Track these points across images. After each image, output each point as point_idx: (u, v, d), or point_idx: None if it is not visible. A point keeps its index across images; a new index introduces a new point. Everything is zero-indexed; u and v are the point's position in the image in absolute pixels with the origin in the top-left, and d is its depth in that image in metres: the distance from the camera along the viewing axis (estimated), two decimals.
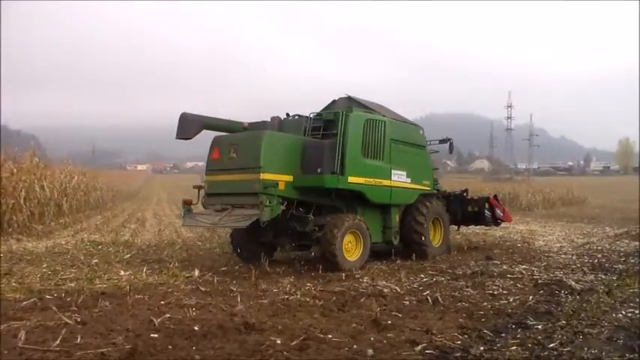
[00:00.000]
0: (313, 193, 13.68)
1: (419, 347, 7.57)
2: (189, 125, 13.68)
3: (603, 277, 13.34)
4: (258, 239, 14.51)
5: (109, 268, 13.67)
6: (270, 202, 12.53)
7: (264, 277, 12.58)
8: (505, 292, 11.37)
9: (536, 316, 9.36)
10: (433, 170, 17.12)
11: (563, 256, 17.21)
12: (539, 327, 8.73)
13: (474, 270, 13.87)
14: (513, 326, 8.77)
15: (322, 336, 7.95)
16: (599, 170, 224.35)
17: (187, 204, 14.27)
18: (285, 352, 7.21)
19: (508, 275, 13.28)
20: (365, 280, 12.38)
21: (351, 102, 15.22)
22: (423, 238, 15.82)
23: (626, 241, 21.31)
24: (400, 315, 9.29)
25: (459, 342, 7.87)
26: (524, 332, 8.43)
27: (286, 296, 10.55)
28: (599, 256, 17.23)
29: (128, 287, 11.12)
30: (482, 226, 20.67)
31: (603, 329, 8.60)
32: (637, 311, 9.77)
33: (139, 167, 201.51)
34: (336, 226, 13.38)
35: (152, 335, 7.80)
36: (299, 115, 14.79)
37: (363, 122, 14.12)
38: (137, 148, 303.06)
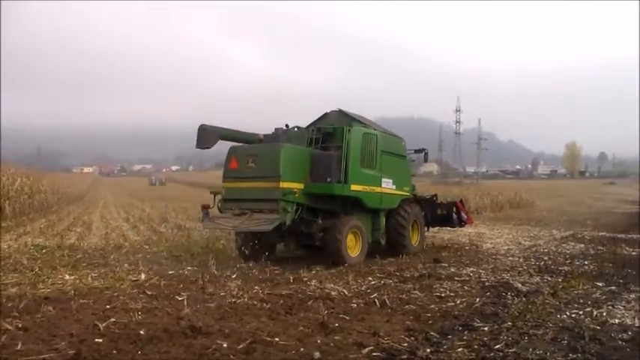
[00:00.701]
0: (320, 199, 15.25)
1: (366, 350, 7.61)
2: (207, 136, 14.52)
3: (549, 278, 13.62)
4: (261, 240, 15.75)
5: (54, 272, 13.37)
6: (290, 208, 14.28)
7: (211, 281, 12.48)
8: (452, 294, 11.51)
9: (482, 318, 9.49)
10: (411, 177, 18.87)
11: (510, 258, 17.49)
12: (486, 328, 8.85)
13: (422, 272, 14.01)
14: (460, 328, 8.88)
15: (269, 339, 7.93)
16: (547, 174, 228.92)
17: (205, 208, 15.46)
18: (231, 356, 7.19)
19: (455, 278, 13.45)
20: (313, 283, 12.38)
21: (341, 115, 17.00)
22: (406, 239, 17.63)
23: (572, 244, 21.73)
24: (347, 318, 9.31)
25: (406, 344, 7.94)
26: (471, 334, 8.54)
27: (233, 300, 10.48)
28: (546, 258, 17.55)
29: (73, 292, 10.94)
30: (448, 228, 22.20)
31: (548, 330, 8.77)
32: (581, 312, 10.01)
33: (86, 170, 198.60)
34: (341, 227, 15.16)
35: (96, 340, 7.68)
36: (298, 127, 16.30)
37: (362, 136, 15.89)
38: (84, 150, 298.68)
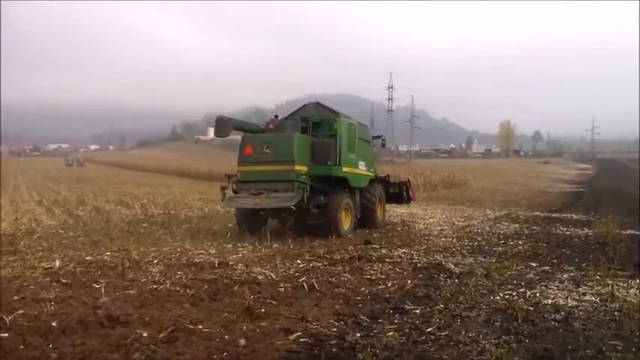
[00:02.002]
0: (317, 180, 18.17)
1: (293, 336, 7.60)
2: (225, 126, 17.82)
3: (482, 259, 13.90)
4: (258, 216, 18.56)
5: None
6: (304, 187, 17.32)
7: (132, 267, 12.30)
8: (383, 276, 11.63)
9: (414, 301, 9.61)
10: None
11: (443, 239, 17.79)
12: (417, 311, 8.96)
13: (352, 255, 14.10)
14: (391, 311, 8.97)
15: (192, 327, 7.85)
16: (481, 153, 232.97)
17: (224, 189, 18.06)
18: (151, 346, 7.07)
19: (387, 259, 13.58)
20: (239, 267, 12.32)
21: (319, 107, 19.80)
22: (375, 214, 20.65)
23: (506, 224, 22.23)
24: (274, 303, 9.30)
25: (335, 329, 7.97)
26: (402, 317, 8.63)
27: (155, 286, 10.34)
28: (479, 238, 17.93)
29: None
30: (398, 205, 24.84)
31: (481, 312, 8.93)
32: (514, 293, 10.22)
33: None
34: (338, 203, 18.20)
35: (1, 335, 7.41)
36: (293, 118, 19.20)
37: (347, 125, 19.18)
38: None
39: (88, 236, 17.30)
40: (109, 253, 14.07)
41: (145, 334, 7.47)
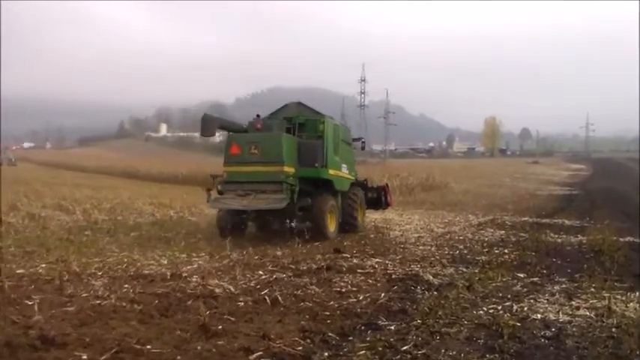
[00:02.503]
0: (303, 182, 19.18)
1: (254, 356, 7.55)
2: (211, 125, 19.51)
3: (464, 270, 13.96)
4: (240, 219, 19.81)
5: None
6: (293, 189, 18.51)
7: (71, 280, 12.11)
8: (354, 289, 11.61)
9: (388, 316, 9.60)
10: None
11: (421, 247, 17.85)
12: (392, 328, 8.95)
13: (320, 265, 14.11)
14: (363, 328, 8.94)
15: (139, 347, 7.75)
16: (463, 152, 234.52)
17: (209, 190, 19.35)
18: None
19: (359, 270, 13.59)
20: (194, 280, 12.25)
21: (301, 107, 21.12)
22: (357, 218, 21.77)
23: (491, 230, 22.39)
24: (233, 319, 9.24)
25: (301, 348, 7.92)
26: (375, 334, 8.61)
27: (98, 302, 10.19)
28: (461, 247, 18.02)
29: None
30: (374, 210, 25.48)
31: (462, 328, 8.93)
32: (500, 307, 10.25)
33: None
34: (324, 205, 19.60)
35: None
36: (276, 118, 20.48)
37: (333, 127, 20.64)
38: None
39: (21, 246, 16.96)
40: (44, 265, 13.84)
41: (85, 357, 7.35)
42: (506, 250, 17.16)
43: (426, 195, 46.29)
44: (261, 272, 13.23)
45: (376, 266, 14.17)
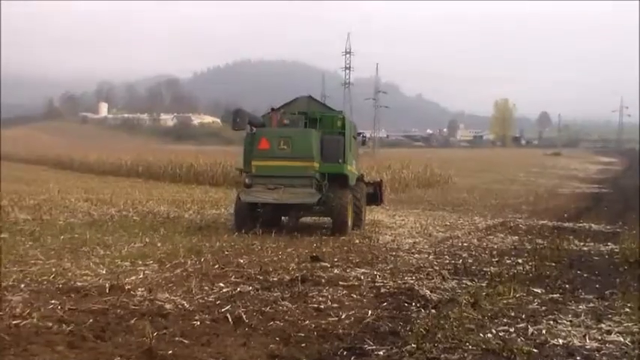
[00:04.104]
0: (323, 176, 22.48)
1: None
2: (244, 119, 22.45)
3: (469, 283, 14.01)
4: (257, 214, 22.72)
5: None
6: (321, 184, 22.21)
7: None
8: (335, 305, 11.63)
9: (376, 338, 9.58)
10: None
11: (416, 255, 17.93)
12: (381, 353, 8.93)
13: (294, 275, 14.10)
14: (345, 353, 8.92)
15: None
16: (468, 141, 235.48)
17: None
18: None
19: (341, 282, 13.60)
20: (139, 293, 12.19)
21: (311, 101, 24.94)
22: (362, 214, 24.63)
23: (501, 236, 22.49)
24: (186, 341, 9.22)
25: None
26: None
27: (16, 322, 10.04)
28: (465, 255, 18.11)
29: None
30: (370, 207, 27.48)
31: (466, 354, 8.93)
32: (512, 329, 10.24)
33: None
34: (344, 200, 22.50)
35: None
36: (292, 113, 23.68)
37: (349, 124, 24.30)
38: None
39: None
40: None
41: None
42: (519, 260, 17.23)
43: (423, 192, 46.40)
44: (221, 284, 13.22)
45: (362, 278, 14.19)
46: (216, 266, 15.25)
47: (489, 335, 9.88)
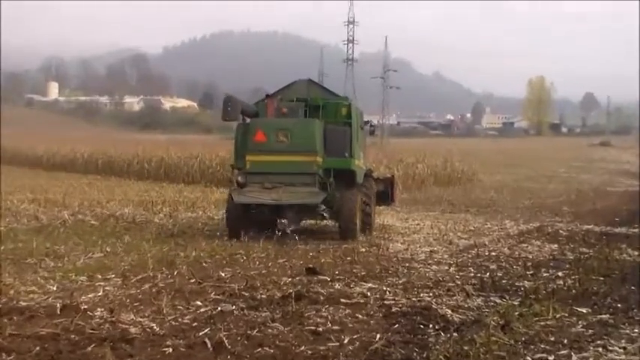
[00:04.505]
0: (327, 173, 22.91)
1: None
2: (236, 107, 22.79)
3: (498, 301, 13.96)
4: (252, 217, 23.28)
5: None
6: (325, 182, 22.56)
7: None
8: (337, 327, 11.59)
9: None
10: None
11: (434, 267, 17.95)
12: None
13: (287, 292, 14.02)
14: None
15: None
16: (497, 128, 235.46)
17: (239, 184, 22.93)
18: None
19: (343, 300, 13.58)
20: (98, 314, 12.11)
21: (311, 85, 25.32)
22: (371, 216, 25.07)
23: (537, 243, 22.49)
24: None
25: None
26: None
27: None
28: (493, 267, 18.12)
29: None
30: (381, 207, 28.32)
31: None
32: (551, 357, 10.21)
33: None
34: (354, 202, 22.98)
35: None
36: (289, 100, 23.88)
37: (356, 111, 24.74)
38: None
39: None
40: None
41: None
42: (560, 274, 17.18)
43: (442, 191, 46.47)
44: (199, 302, 13.18)
45: (369, 294, 14.18)
46: (193, 281, 15.19)
47: None
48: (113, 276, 15.51)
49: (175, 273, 15.86)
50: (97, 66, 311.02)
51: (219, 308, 12.78)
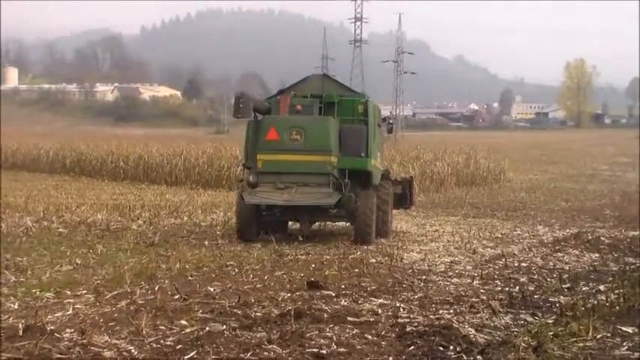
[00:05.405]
0: (342, 173, 24.51)
1: None
2: (248, 105, 24.33)
3: (529, 319, 14.01)
4: (263, 217, 25.22)
5: None
6: (340, 182, 24.12)
7: None
8: (343, 350, 11.61)
9: None
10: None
11: (455, 280, 18.04)
12: None
13: (285, 309, 14.05)
14: None
15: None
16: (529, 120, 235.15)
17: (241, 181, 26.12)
18: None
19: (350, 318, 13.59)
20: (66, 336, 12.09)
21: (326, 80, 27.57)
22: (388, 221, 26.59)
23: (575, 253, 22.55)
24: None
25: None
26: None
27: None
28: (524, 280, 18.19)
29: None
30: (397, 210, 29.84)
31: None
32: None
33: None
34: (370, 204, 24.47)
35: None
36: (304, 96, 25.64)
37: (374, 108, 26.39)
38: None
39: None
40: None
41: None
42: (601, 287, 17.23)
43: (465, 192, 46.57)
44: (184, 322, 13.18)
45: (380, 312, 14.22)
46: (177, 297, 15.18)
47: None
48: (84, 292, 15.50)
49: (156, 288, 15.88)
50: (64, 49, 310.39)
51: (207, 328, 12.78)
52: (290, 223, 27.29)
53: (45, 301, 14.70)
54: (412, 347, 11.83)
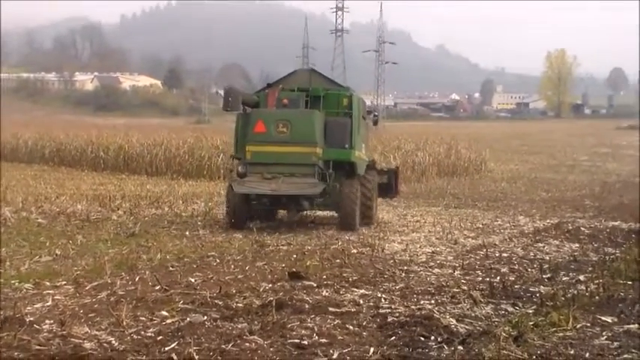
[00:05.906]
0: (327, 164, 25.79)
1: None
2: (236, 98, 26.10)
3: (510, 309, 14.06)
4: (252, 206, 26.42)
5: None
6: (325, 173, 25.36)
7: None
8: (324, 340, 11.60)
9: None
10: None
11: (436, 270, 18.05)
12: None
13: (267, 300, 14.05)
14: None
15: None
16: (510, 110, 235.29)
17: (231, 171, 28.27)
18: None
19: (331, 309, 13.61)
20: (46, 327, 12.05)
21: (313, 75, 28.70)
22: (372, 209, 27.78)
23: (555, 243, 22.64)
24: None
25: None
26: None
27: None
28: (504, 270, 18.26)
29: None
30: (381, 199, 30.94)
31: None
32: None
33: None
34: (354, 191, 25.77)
35: None
36: (291, 90, 26.92)
37: (358, 101, 27.79)
38: None
39: None
40: None
41: None
42: (581, 277, 17.31)
43: (446, 182, 46.59)
44: (165, 313, 13.16)
45: (361, 302, 14.23)
46: (157, 288, 15.15)
47: None
48: (64, 283, 15.45)
49: (137, 279, 15.85)
50: (42, 38, 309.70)
51: (188, 319, 12.75)
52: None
53: (24, 292, 14.62)
54: (393, 337, 11.82)
